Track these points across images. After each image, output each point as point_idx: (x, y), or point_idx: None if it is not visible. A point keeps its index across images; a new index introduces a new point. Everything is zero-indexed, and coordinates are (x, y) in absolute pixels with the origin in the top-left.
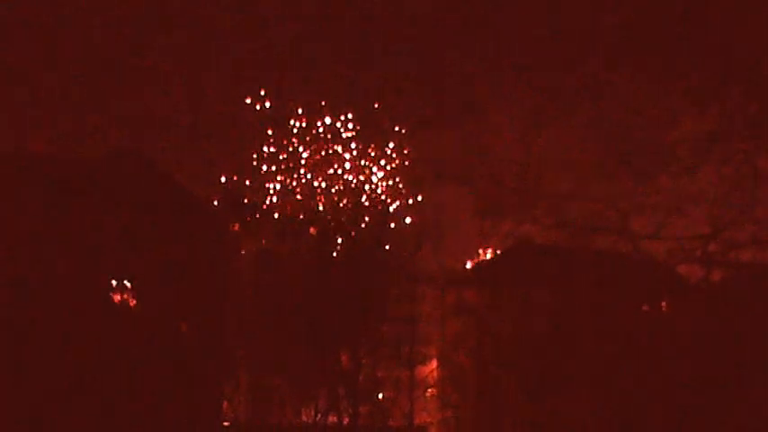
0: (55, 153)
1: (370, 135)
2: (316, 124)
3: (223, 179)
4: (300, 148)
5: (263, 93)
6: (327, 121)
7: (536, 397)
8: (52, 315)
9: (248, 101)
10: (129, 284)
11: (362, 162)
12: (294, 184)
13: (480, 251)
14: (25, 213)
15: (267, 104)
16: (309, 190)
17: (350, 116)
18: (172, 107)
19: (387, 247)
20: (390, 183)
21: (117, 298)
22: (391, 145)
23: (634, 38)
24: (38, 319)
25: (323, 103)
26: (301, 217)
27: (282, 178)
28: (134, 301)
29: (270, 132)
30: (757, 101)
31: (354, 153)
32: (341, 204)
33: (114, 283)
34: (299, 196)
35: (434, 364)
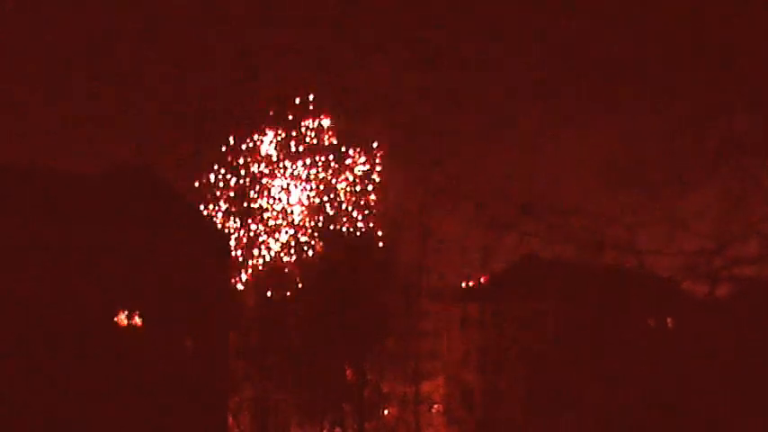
0: (60, 168)
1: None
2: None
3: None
4: (308, 163)
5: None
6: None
7: (542, 410)
8: (58, 332)
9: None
10: (134, 300)
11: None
12: (301, 199)
13: (486, 266)
14: (29, 229)
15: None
16: (316, 206)
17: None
18: (176, 121)
19: (392, 262)
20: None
21: (122, 314)
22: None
23: (640, 56)
24: (44, 336)
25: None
26: (308, 233)
27: (289, 194)
28: (139, 317)
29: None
30: (763, 116)
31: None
32: (346, 220)
33: (120, 299)
34: (305, 212)
35: (440, 379)
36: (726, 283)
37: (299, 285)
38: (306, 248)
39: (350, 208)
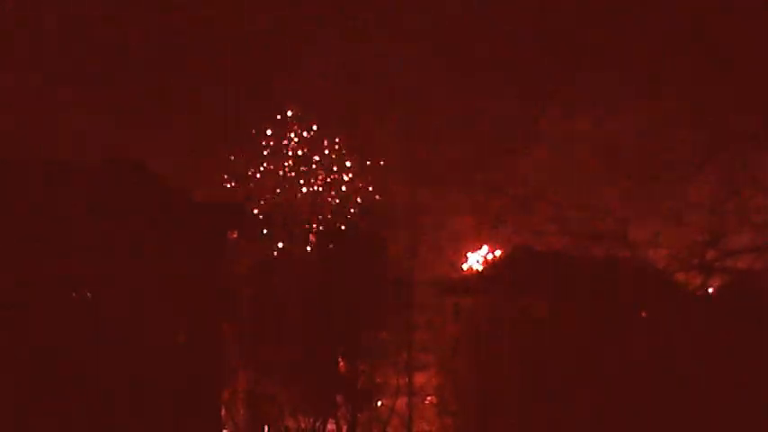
0: (50, 158)
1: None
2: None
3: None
4: (298, 153)
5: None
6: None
7: (535, 404)
8: (46, 324)
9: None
10: (124, 293)
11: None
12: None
13: (478, 257)
14: (18, 220)
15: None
16: (307, 196)
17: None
18: (168, 111)
19: (384, 253)
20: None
21: (112, 307)
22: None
23: (635, 50)
24: (31, 327)
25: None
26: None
27: (279, 184)
28: (130, 310)
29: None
30: (756, 110)
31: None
32: (338, 210)
33: (109, 291)
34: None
35: (433, 371)
36: (719, 275)
37: (292, 277)
38: (299, 240)
39: (340, 200)
